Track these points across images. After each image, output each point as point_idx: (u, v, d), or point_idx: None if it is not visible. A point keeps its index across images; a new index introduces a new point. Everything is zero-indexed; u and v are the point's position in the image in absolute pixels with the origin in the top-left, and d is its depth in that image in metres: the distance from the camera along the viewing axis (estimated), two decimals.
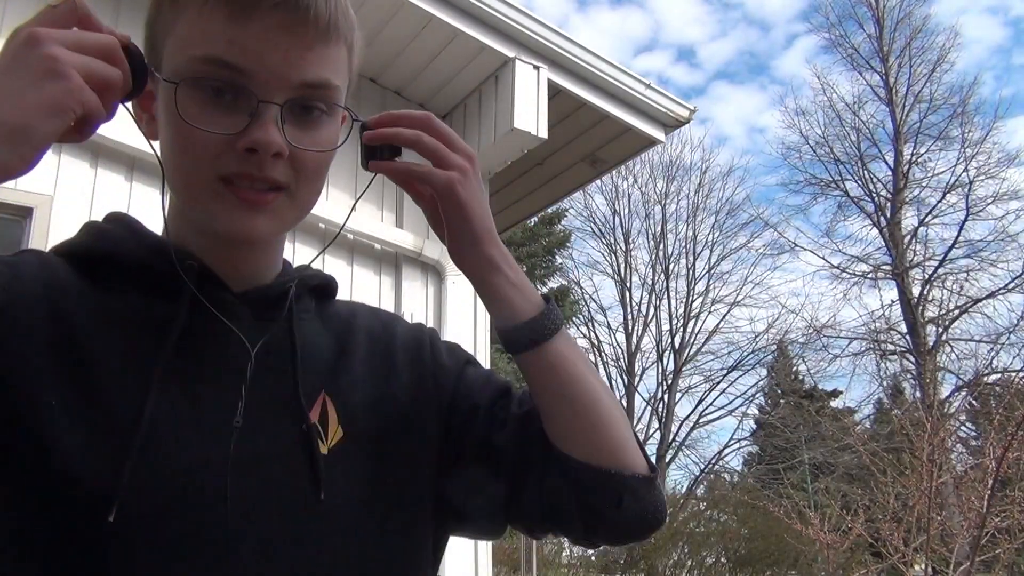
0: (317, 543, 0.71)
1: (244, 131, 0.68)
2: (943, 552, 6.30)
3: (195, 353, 0.72)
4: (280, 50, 0.69)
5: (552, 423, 0.81)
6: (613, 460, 0.80)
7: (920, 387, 15.59)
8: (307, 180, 0.74)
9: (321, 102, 0.73)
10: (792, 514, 8.00)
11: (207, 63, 0.68)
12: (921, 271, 17.85)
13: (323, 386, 0.78)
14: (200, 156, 0.70)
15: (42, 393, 0.65)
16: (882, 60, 19.26)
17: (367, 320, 0.89)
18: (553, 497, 0.81)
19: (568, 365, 0.81)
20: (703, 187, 20.96)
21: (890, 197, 18.60)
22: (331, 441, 0.76)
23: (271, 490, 0.70)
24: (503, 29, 3.79)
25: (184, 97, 0.69)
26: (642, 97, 4.25)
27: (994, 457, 5.62)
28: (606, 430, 0.81)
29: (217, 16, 0.68)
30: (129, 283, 0.75)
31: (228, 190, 0.71)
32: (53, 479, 0.64)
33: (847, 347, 17.96)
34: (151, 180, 3.29)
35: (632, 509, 0.80)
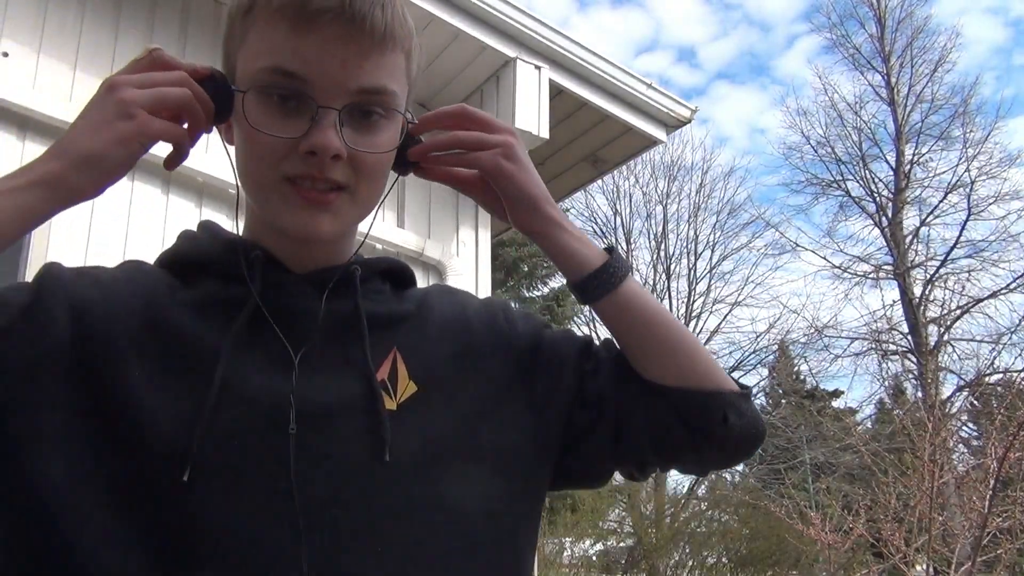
0: (382, 495, 0.73)
1: (305, 135, 0.73)
2: (944, 552, 6.30)
3: (264, 327, 0.77)
4: (338, 58, 0.73)
5: (643, 359, 0.87)
6: (710, 381, 0.85)
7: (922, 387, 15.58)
8: (367, 180, 0.78)
9: (379, 106, 0.77)
10: (793, 514, 8.00)
11: (272, 72, 0.74)
12: (923, 271, 17.85)
13: (395, 345, 0.81)
14: (266, 158, 0.75)
15: (130, 368, 0.72)
16: (884, 60, 19.25)
17: (440, 291, 0.93)
18: (660, 429, 0.85)
19: (644, 302, 0.87)
20: (704, 187, 20.97)
21: (891, 197, 18.59)
22: (401, 396, 0.79)
23: (338, 446, 0.74)
24: (504, 29, 3.79)
25: (252, 104, 0.75)
26: (643, 97, 4.25)
27: (996, 457, 5.62)
28: (696, 355, 0.86)
29: (280, 28, 0.73)
30: (208, 275, 0.81)
31: (293, 190, 0.76)
32: (137, 443, 0.69)
33: (848, 347, 17.96)
34: (152, 179, 3.30)
35: (737, 425, 0.85)
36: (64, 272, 0.78)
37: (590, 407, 0.87)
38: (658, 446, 0.86)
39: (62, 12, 3.28)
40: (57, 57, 3.22)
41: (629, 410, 0.86)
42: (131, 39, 3.44)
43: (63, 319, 0.73)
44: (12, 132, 3.06)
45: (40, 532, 0.67)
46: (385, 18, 0.75)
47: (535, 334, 0.91)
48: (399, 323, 0.84)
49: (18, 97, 3.03)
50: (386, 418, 0.75)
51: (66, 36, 3.27)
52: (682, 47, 35.18)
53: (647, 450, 0.87)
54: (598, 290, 0.85)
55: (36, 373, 0.70)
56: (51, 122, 3.10)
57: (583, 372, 0.88)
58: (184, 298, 0.78)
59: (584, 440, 0.87)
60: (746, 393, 0.87)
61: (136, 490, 0.69)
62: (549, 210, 0.86)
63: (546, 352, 0.89)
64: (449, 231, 4.04)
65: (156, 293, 0.78)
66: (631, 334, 0.87)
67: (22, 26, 3.17)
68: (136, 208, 3.22)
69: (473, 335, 0.87)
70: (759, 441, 0.88)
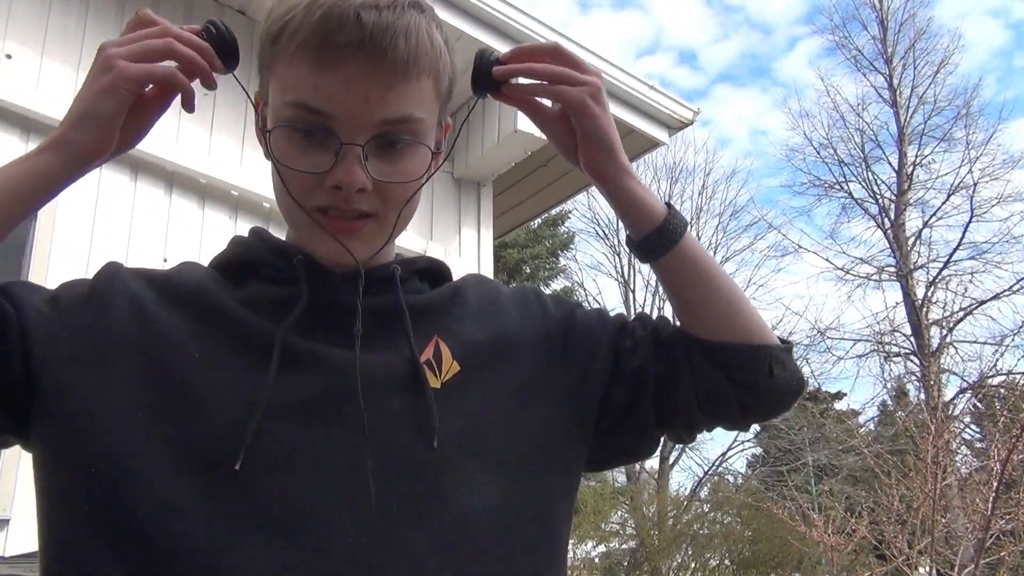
0: (428, 471, 0.75)
1: (330, 170, 0.75)
2: (947, 554, 6.29)
3: (312, 322, 0.79)
4: (361, 93, 0.74)
5: (697, 316, 0.89)
6: (758, 336, 0.88)
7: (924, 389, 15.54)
8: (394, 207, 0.80)
9: (404, 134, 0.77)
10: (796, 516, 7.98)
11: (296, 108, 0.75)
12: (925, 273, 17.80)
13: (435, 332, 0.84)
14: (296, 191, 0.78)
15: (189, 350, 0.76)
16: (886, 62, 19.22)
17: (475, 281, 0.94)
18: (707, 385, 0.88)
19: (703, 257, 0.89)
20: (706, 189, 20.97)
21: (894, 199, 18.55)
22: (445, 375, 0.81)
23: (388, 422, 0.76)
24: (506, 30, 3.79)
25: (280, 139, 0.78)
26: (645, 98, 4.25)
27: (999, 459, 5.62)
28: (746, 311, 0.90)
29: (304, 65, 0.74)
30: (258, 278, 0.84)
31: (323, 219, 0.78)
32: (200, 417, 0.73)
33: (851, 349, 17.91)
34: (156, 182, 3.30)
35: (782, 377, 0.89)
36: (122, 268, 0.83)
37: (629, 384, 0.89)
38: (705, 404, 0.89)
39: (65, 14, 3.29)
40: (60, 59, 3.23)
41: (673, 375, 0.89)
42: None
43: (121, 306, 0.78)
44: (15, 134, 3.06)
45: (103, 501, 0.70)
46: (409, 47, 0.74)
47: (568, 317, 0.92)
48: (438, 312, 0.86)
49: (21, 99, 3.04)
50: (433, 402, 0.77)
51: (69, 38, 3.27)
52: (683, 49, 35.18)
53: (694, 410, 0.89)
54: (663, 245, 0.86)
55: (91, 356, 0.75)
56: (54, 124, 3.09)
57: (619, 351, 0.90)
58: (236, 295, 0.82)
59: (627, 416, 0.89)
60: (788, 347, 0.91)
61: (198, 460, 0.71)
62: (622, 158, 0.86)
63: (579, 333, 0.91)
64: (451, 232, 4.04)
65: (210, 287, 0.82)
66: (689, 290, 0.89)
67: (25, 28, 3.18)
68: (139, 210, 3.23)
69: (508, 320, 0.89)
70: (800, 392, 0.92)
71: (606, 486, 15.90)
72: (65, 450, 0.73)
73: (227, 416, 0.73)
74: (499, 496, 0.78)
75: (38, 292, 0.81)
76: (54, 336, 0.76)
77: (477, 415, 0.80)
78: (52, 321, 0.77)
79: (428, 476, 0.75)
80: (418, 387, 0.78)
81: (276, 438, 0.72)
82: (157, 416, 0.73)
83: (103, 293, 0.79)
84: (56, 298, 0.80)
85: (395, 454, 0.75)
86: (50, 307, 0.78)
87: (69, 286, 0.82)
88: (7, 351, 0.75)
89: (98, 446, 0.72)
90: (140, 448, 0.71)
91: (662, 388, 0.89)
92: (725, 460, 20.01)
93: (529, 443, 0.82)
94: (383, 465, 0.73)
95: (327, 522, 0.71)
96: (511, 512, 0.78)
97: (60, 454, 0.74)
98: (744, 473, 21.02)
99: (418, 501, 0.74)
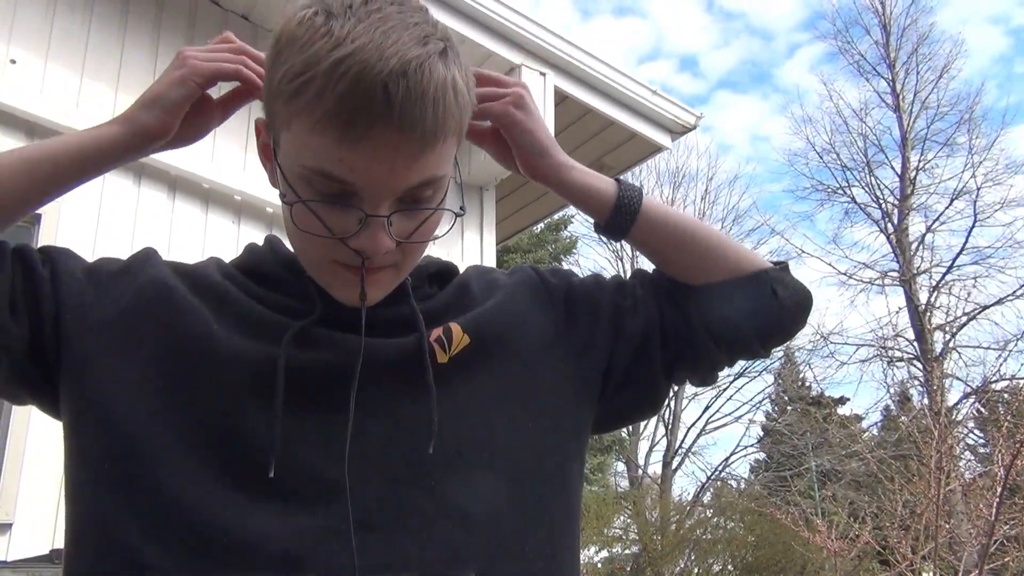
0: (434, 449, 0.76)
1: (355, 235, 0.74)
2: (951, 560, 6.27)
3: (323, 334, 0.80)
4: (387, 165, 0.71)
5: (684, 269, 0.92)
6: (749, 265, 0.92)
7: (928, 394, 15.51)
8: (413, 257, 0.82)
9: (427, 192, 0.76)
10: (799, 521, 7.96)
11: (318, 174, 0.72)
12: (928, 277, 17.78)
13: (447, 321, 0.85)
14: (316, 243, 0.76)
15: (212, 324, 0.79)
16: (889, 66, 19.22)
17: (477, 273, 0.97)
18: (718, 322, 0.90)
19: (671, 214, 0.93)
20: (709, 194, 20.96)
21: (897, 203, 18.54)
22: (455, 349, 0.82)
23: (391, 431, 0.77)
24: (509, 36, 3.80)
25: (300, 191, 0.75)
26: (648, 103, 4.25)
27: (1002, 464, 5.59)
28: (728, 247, 0.93)
29: (328, 136, 0.70)
30: (270, 286, 0.86)
31: (342, 269, 0.78)
32: (220, 386, 0.76)
33: (854, 354, 17.87)
34: (159, 186, 3.31)
35: (786, 295, 0.92)
36: (156, 254, 0.88)
37: (634, 342, 0.91)
38: (722, 342, 0.91)
39: (69, 19, 3.29)
40: (64, 64, 3.23)
41: (684, 323, 0.91)
42: (137, 46, 3.45)
43: (149, 287, 0.82)
44: (20, 138, 3.07)
45: (123, 465, 0.73)
46: (437, 115, 0.70)
47: (566, 285, 0.94)
48: (448, 310, 0.88)
49: (26, 104, 3.04)
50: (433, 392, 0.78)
51: (73, 43, 3.28)
52: (684, 56, 35.17)
53: (713, 350, 0.91)
54: (626, 219, 0.90)
55: (118, 325, 0.79)
56: (58, 128, 3.11)
57: (620, 311, 0.92)
58: (253, 295, 0.84)
59: (635, 372, 0.91)
60: (784, 265, 0.94)
61: (215, 430, 0.74)
62: (558, 155, 0.90)
63: (579, 299, 0.93)
64: (454, 236, 4.04)
65: (230, 286, 0.84)
66: (669, 246, 0.92)
67: (29, 33, 3.19)
68: (142, 214, 3.23)
69: (512, 296, 0.91)
70: (808, 305, 0.95)
71: (609, 491, 15.87)
72: (88, 413, 0.77)
73: (250, 446, 0.74)
74: (509, 462, 0.80)
75: (76, 260, 0.85)
76: (86, 303, 0.80)
77: (485, 382, 0.82)
78: (84, 290, 0.81)
79: (435, 452, 0.76)
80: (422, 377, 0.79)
81: (291, 460, 0.74)
82: (176, 387, 0.76)
83: (136, 271, 0.84)
84: (93, 269, 0.84)
85: (397, 438, 0.77)
86: (86, 275, 0.83)
87: (106, 260, 0.87)
88: (40, 311, 0.79)
89: (119, 411, 0.75)
90: (159, 417, 0.74)
91: (675, 338, 0.91)
92: (728, 465, 19.98)
93: (539, 408, 0.84)
94: (383, 445, 0.76)
95: (328, 491, 0.73)
96: (521, 481, 0.80)
97: (83, 416, 0.77)
98: (747, 478, 20.98)
99: (420, 475, 0.75)
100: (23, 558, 2.55)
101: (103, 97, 3.29)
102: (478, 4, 3.65)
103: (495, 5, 3.71)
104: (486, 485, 0.77)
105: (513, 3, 3.77)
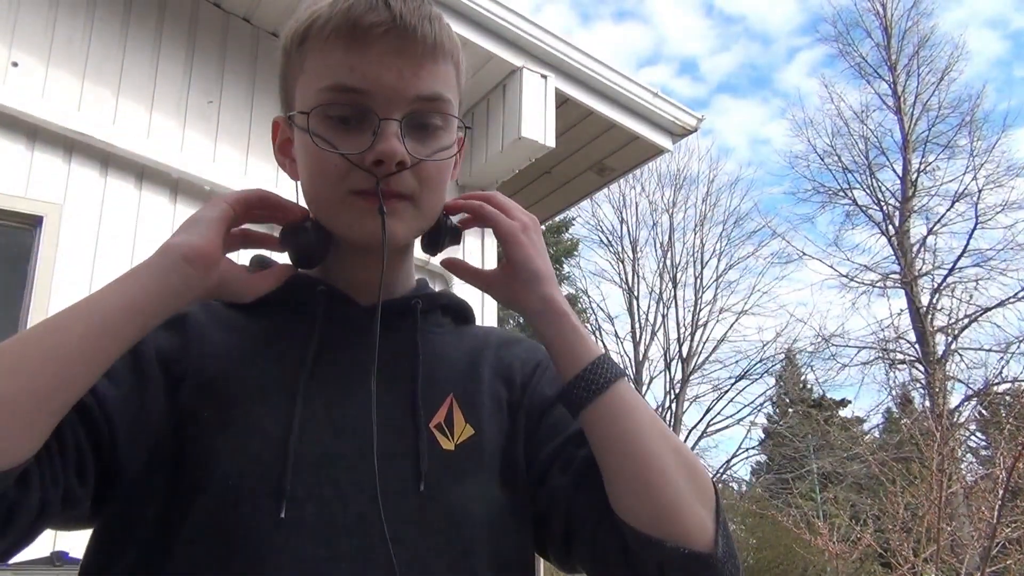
0: (419, 536, 0.75)
1: (370, 147, 0.77)
2: (953, 563, 6.26)
3: (330, 364, 0.81)
4: (394, 69, 0.78)
5: (607, 481, 0.78)
6: (661, 527, 0.74)
7: (929, 396, 15.49)
8: (430, 189, 0.82)
9: (436, 114, 0.81)
10: (801, 524, 7.96)
11: (333, 91, 0.78)
12: (930, 280, 17.75)
13: (452, 390, 0.85)
14: (333, 175, 0.79)
15: (206, 410, 0.77)
16: (890, 68, 19.21)
17: (498, 335, 0.96)
18: (600, 551, 0.79)
19: (629, 415, 0.78)
20: (710, 196, 20.95)
21: (898, 206, 18.53)
22: (458, 438, 0.82)
23: (393, 483, 0.76)
24: (511, 38, 3.80)
25: (315, 126, 0.79)
26: (649, 105, 4.26)
27: (1004, 467, 5.59)
28: (659, 493, 0.75)
29: (337, 48, 0.78)
30: (271, 308, 0.85)
31: (361, 200, 0.79)
32: (221, 477, 0.73)
33: (856, 356, 17.85)
34: (160, 189, 3.31)
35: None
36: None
37: (547, 498, 0.83)
38: (594, 568, 0.81)
39: (71, 23, 3.30)
40: (66, 68, 3.24)
41: (579, 519, 0.81)
42: (139, 49, 3.46)
43: (159, 374, 0.79)
44: (21, 141, 3.07)
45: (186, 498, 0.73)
46: (434, 30, 0.79)
47: (551, 403, 0.88)
48: (457, 369, 0.87)
49: (28, 107, 3.05)
50: (426, 461, 0.78)
51: (75, 47, 3.29)
52: (684, 60, 35.21)
53: (585, 565, 0.82)
54: (588, 391, 0.78)
55: (151, 423, 0.76)
56: (60, 132, 3.11)
57: (558, 459, 0.84)
58: (252, 334, 0.84)
59: (540, 526, 0.85)
60: (703, 555, 0.74)
61: (212, 531, 0.73)
62: (552, 291, 0.83)
63: (549, 422, 0.87)
64: None
65: (224, 329, 0.84)
66: (603, 450, 0.78)
67: (31, 37, 3.19)
68: (144, 217, 3.24)
69: (513, 391, 0.89)
70: None
71: None
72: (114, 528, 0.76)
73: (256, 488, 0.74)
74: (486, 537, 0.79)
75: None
76: (125, 420, 0.76)
77: (488, 476, 0.82)
78: (122, 407, 0.76)
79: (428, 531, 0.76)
80: (415, 451, 0.79)
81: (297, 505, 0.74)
82: (176, 492, 0.74)
83: (143, 365, 0.79)
84: (110, 375, 0.77)
85: (398, 517, 0.75)
86: (113, 389, 0.77)
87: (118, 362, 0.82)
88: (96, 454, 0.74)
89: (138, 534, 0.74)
90: (162, 530, 0.73)
91: (569, 523, 0.82)
92: (730, 467, 19.98)
93: (522, 510, 0.84)
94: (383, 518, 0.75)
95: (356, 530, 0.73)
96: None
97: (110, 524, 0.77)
98: (749, 481, 20.99)
99: (419, 556, 0.75)
100: (24, 560, 2.55)
101: (105, 100, 3.29)
102: (479, 7, 3.66)
103: (496, 8, 3.71)
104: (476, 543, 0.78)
105: (514, 5, 3.77)
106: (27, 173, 3.07)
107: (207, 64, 3.60)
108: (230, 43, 3.67)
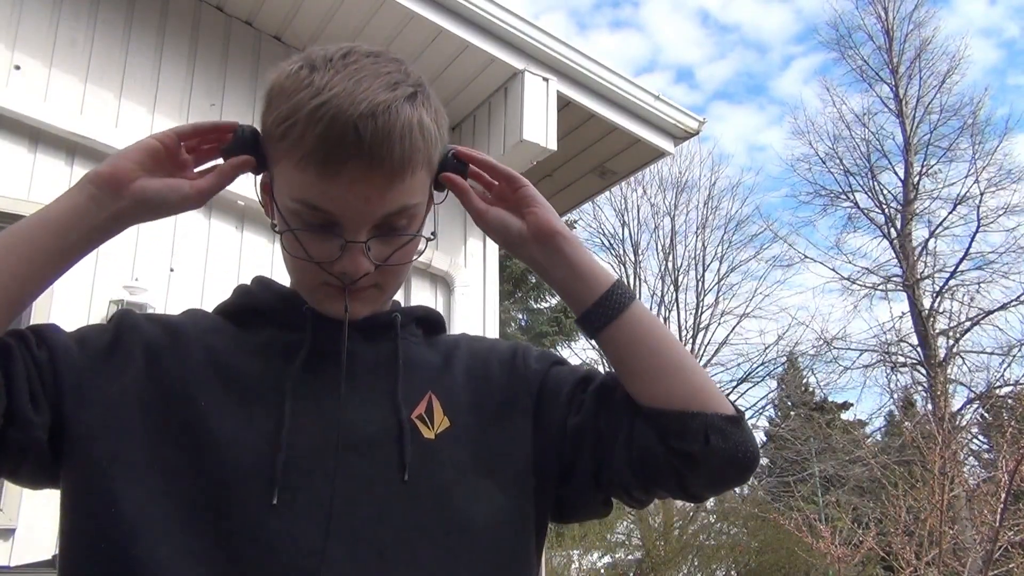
0: (405, 517, 0.82)
1: (338, 259, 0.84)
2: (955, 566, 6.25)
3: (318, 367, 0.87)
4: (362, 196, 0.81)
5: (639, 382, 0.88)
6: (696, 402, 0.86)
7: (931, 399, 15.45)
8: (394, 275, 0.90)
9: (401, 221, 0.86)
10: (803, 527, 7.94)
11: (304, 205, 0.83)
12: (932, 283, 17.75)
13: (430, 388, 0.91)
14: (307, 269, 0.86)
15: (199, 400, 0.83)
16: (892, 72, 19.21)
17: (468, 341, 1.02)
18: (642, 451, 0.87)
19: (653, 329, 0.90)
20: (712, 199, 20.95)
21: (900, 209, 18.52)
22: (438, 428, 0.88)
23: (372, 470, 0.83)
24: (512, 41, 3.81)
25: (292, 221, 0.85)
26: (651, 108, 4.26)
27: (1007, 470, 5.59)
28: (688, 377, 0.88)
29: (310, 171, 0.81)
30: (265, 322, 0.92)
31: (330, 288, 0.87)
32: (212, 467, 0.79)
33: (857, 359, 17.84)
34: None
35: (720, 449, 0.84)
36: (138, 317, 0.90)
37: (571, 441, 0.91)
38: (638, 470, 0.87)
39: (73, 26, 3.31)
40: (68, 71, 3.25)
41: (610, 438, 0.89)
42: (141, 52, 3.46)
43: (140, 358, 0.85)
44: (24, 144, 3.08)
45: (122, 545, 0.76)
46: (404, 150, 0.81)
47: (545, 369, 0.97)
48: (433, 370, 0.94)
49: (30, 110, 3.05)
50: (408, 449, 0.84)
51: (77, 50, 3.29)
52: (680, 68, 35.17)
53: (627, 474, 0.88)
54: (610, 311, 0.89)
55: (117, 405, 0.82)
56: (62, 135, 3.12)
57: (571, 404, 0.93)
58: (245, 341, 0.90)
59: (571, 473, 0.91)
60: (735, 417, 0.86)
61: (217, 507, 0.78)
62: (564, 228, 0.91)
63: (550, 385, 0.95)
64: (457, 242, 4.04)
65: (217, 336, 0.90)
66: (633, 359, 0.89)
67: (34, 40, 3.20)
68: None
69: (492, 383, 0.95)
70: (747, 468, 0.87)
71: None
72: (88, 493, 0.79)
73: (251, 478, 0.79)
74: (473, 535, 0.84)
75: (64, 335, 0.86)
76: (84, 384, 0.82)
77: (466, 463, 0.87)
78: (83, 368, 0.83)
79: (411, 520, 0.82)
80: (400, 441, 0.85)
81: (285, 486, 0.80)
82: (170, 468, 0.79)
83: (125, 346, 0.86)
84: (83, 342, 0.85)
85: (380, 499, 0.82)
86: (79, 351, 0.84)
87: (94, 332, 0.88)
88: (52, 398, 0.80)
89: (119, 492, 0.78)
90: (159, 500, 0.78)
91: (599, 449, 0.89)
92: None
93: (503, 482, 0.89)
94: (367, 510, 0.81)
95: (307, 560, 0.77)
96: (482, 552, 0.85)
97: (83, 497, 0.80)
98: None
99: (398, 544, 0.81)
100: (25, 563, 2.56)
101: (107, 103, 3.30)
102: (481, 10, 3.66)
103: (498, 11, 3.72)
104: (450, 562, 0.82)
105: (516, 9, 3.78)
106: (29, 176, 3.07)
107: (209, 67, 3.61)
108: (232, 46, 3.68)
